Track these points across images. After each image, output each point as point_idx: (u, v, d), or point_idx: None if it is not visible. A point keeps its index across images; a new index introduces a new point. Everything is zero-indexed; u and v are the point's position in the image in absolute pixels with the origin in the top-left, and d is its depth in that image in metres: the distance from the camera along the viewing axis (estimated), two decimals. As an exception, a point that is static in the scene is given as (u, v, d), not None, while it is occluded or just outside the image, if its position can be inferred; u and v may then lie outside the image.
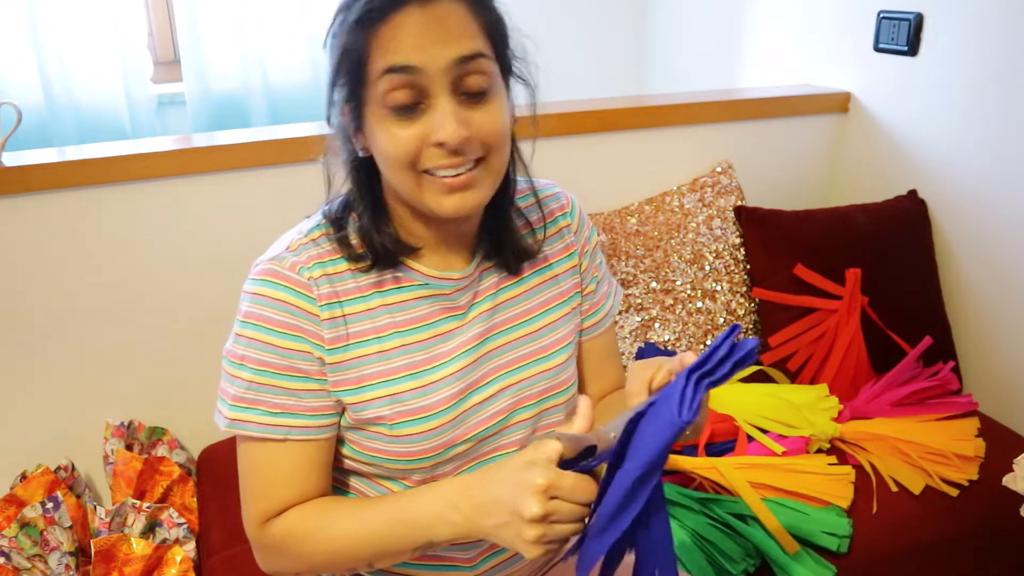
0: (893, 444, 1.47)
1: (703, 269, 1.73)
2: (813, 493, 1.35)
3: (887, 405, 1.59)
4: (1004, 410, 1.67)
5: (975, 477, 1.42)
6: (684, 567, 1.22)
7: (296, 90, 2.27)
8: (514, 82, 0.85)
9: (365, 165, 0.84)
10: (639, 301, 1.67)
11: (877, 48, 1.85)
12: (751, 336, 1.52)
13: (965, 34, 1.67)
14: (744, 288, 1.75)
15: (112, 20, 2.06)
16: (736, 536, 1.27)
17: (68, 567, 1.33)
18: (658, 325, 1.67)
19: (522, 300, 0.93)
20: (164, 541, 1.37)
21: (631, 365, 0.82)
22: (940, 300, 1.77)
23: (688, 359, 0.72)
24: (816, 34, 2.03)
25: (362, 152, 0.83)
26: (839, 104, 1.97)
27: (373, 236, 0.84)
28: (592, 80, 2.65)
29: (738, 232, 1.78)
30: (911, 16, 1.76)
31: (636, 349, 1.64)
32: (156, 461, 1.48)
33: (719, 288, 1.73)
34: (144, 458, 1.46)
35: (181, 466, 1.50)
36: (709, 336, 1.69)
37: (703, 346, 1.69)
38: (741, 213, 1.78)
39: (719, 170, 1.87)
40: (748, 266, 1.76)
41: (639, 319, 1.67)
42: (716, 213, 1.79)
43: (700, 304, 1.70)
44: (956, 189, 1.74)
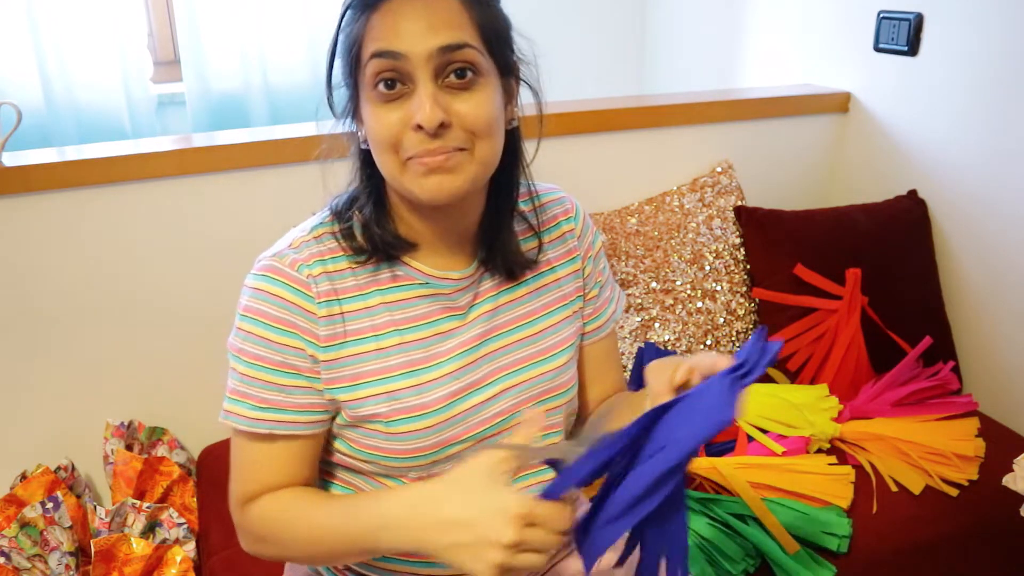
0: (893, 444, 1.47)
1: (703, 269, 1.73)
2: (813, 493, 1.35)
3: (887, 405, 1.58)
4: (1004, 410, 1.67)
5: (975, 477, 1.42)
6: (684, 567, 1.22)
7: (296, 90, 2.27)
8: (519, 87, 0.87)
9: (368, 158, 0.85)
10: (639, 301, 1.67)
11: (877, 48, 1.85)
12: (751, 336, 1.52)
13: (965, 34, 1.67)
14: (744, 288, 1.75)
15: (112, 20, 2.05)
16: (736, 536, 1.27)
17: (68, 567, 1.33)
18: (658, 325, 1.67)
19: (523, 302, 0.94)
20: (164, 541, 1.37)
21: (648, 367, 0.82)
22: (940, 300, 1.77)
23: (722, 362, 0.73)
24: (816, 34, 2.03)
25: (364, 144, 0.84)
26: (839, 104, 1.97)
27: (373, 229, 0.85)
28: (592, 80, 2.65)
29: (738, 232, 1.78)
30: (911, 16, 1.76)
31: (636, 349, 1.64)
32: (156, 461, 1.48)
33: (719, 288, 1.72)
34: (144, 458, 1.46)
35: (181, 466, 1.50)
36: (709, 336, 1.69)
37: (703, 346, 1.69)
38: (741, 213, 1.78)
39: (719, 170, 1.87)
40: (748, 266, 1.76)
41: (639, 319, 1.67)
42: (716, 213, 1.79)
43: (700, 304, 1.70)
44: (956, 189, 1.74)
